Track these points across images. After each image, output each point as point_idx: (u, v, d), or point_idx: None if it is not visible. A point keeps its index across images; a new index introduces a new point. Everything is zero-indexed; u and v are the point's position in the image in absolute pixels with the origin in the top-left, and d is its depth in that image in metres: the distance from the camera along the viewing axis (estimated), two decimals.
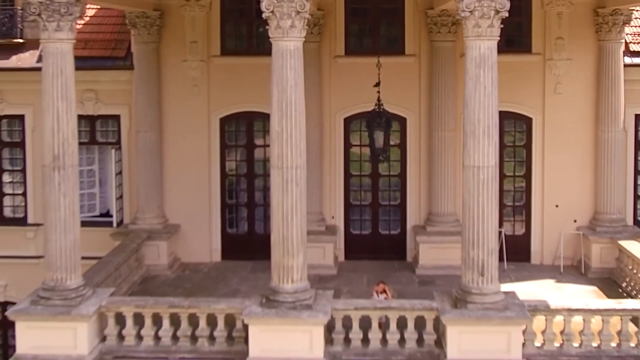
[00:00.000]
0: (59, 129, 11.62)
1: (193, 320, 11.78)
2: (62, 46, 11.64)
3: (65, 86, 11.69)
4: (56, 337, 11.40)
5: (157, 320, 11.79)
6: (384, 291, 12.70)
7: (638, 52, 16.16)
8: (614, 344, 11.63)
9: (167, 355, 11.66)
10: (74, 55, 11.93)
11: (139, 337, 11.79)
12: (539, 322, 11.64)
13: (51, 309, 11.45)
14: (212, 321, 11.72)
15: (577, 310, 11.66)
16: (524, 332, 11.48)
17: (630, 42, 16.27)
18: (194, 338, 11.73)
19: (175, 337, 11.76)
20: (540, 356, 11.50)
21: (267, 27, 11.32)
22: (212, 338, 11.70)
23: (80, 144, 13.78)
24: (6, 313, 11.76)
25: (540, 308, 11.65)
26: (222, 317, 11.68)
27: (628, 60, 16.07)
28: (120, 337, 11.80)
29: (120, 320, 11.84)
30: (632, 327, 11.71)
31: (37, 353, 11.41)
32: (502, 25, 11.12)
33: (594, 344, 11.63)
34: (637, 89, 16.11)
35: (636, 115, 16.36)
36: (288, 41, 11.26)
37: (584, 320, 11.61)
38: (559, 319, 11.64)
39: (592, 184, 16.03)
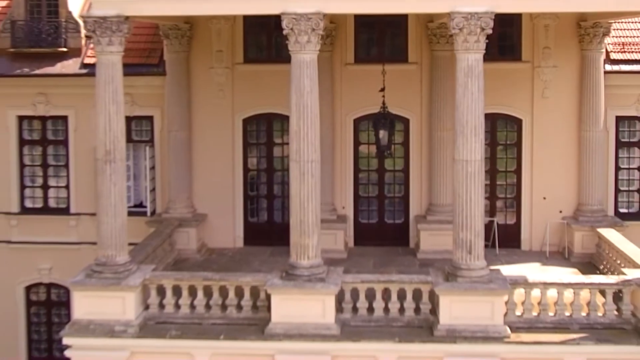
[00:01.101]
0: (110, 128, 13.85)
1: (223, 292, 13.97)
2: (113, 58, 13.87)
3: (116, 92, 13.92)
4: (107, 305, 13.62)
5: (192, 291, 13.99)
6: None
7: (618, 60, 18.18)
8: (584, 314, 13.72)
9: (201, 321, 13.86)
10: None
11: (177, 306, 14.00)
12: (519, 294, 13.75)
13: (103, 281, 13.69)
14: (239, 292, 13.90)
15: (552, 284, 13.77)
16: (506, 302, 13.60)
17: (611, 52, 18.31)
18: (224, 307, 13.91)
19: (207, 306, 13.94)
20: (520, 323, 13.60)
21: (285, 40, 13.51)
22: (239, 307, 13.88)
23: None
24: (69, 282, 13.99)
25: (519, 282, 13.77)
26: (248, 289, 13.87)
27: (609, 67, 18.12)
28: (161, 305, 14.01)
29: (161, 291, 14.05)
30: (600, 299, 13.80)
31: (91, 318, 13.63)
32: (490, 36, 13.18)
33: (567, 313, 13.72)
34: (618, 93, 18.09)
35: (617, 117, 18.39)
36: (305, 54, 13.45)
37: (557, 292, 13.71)
38: (536, 292, 13.77)
39: (575, 179, 18.06)
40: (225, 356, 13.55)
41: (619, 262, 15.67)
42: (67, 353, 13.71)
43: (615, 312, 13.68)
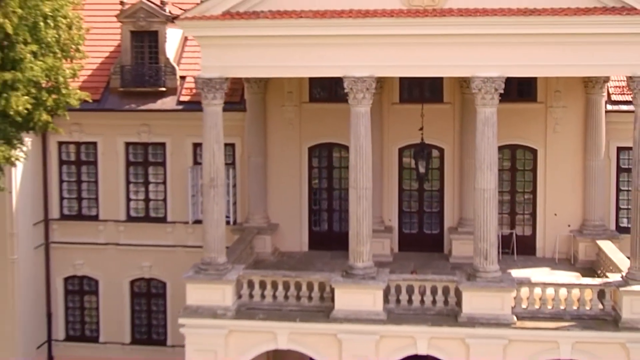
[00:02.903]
0: (214, 161, 18.92)
1: (297, 286, 18.90)
2: (216, 108, 18.94)
3: (218, 134, 18.99)
4: (211, 294, 18.65)
5: (274, 285, 18.96)
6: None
7: (618, 101, 22.55)
8: (574, 307, 18.28)
9: (281, 308, 18.81)
10: (200, 101, 19.13)
11: (262, 296, 18.97)
12: (524, 291, 18.38)
13: (209, 276, 18.75)
14: (310, 287, 18.82)
15: (550, 284, 18.41)
16: (514, 297, 18.27)
17: (613, 93, 22.70)
18: (298, 297, 18.84)
19: (286, 297, 18.88)
20: (524, 313, 18.22)
21: (341, 86, 18.30)
22: (310, 297, 18.80)
23: None
24: (183, 277, 19.05)
25: (524, 282, 18.44)
26: (317, 284, 18.79)
27: (610, 107, 22.54)
28: (251, 295, 19.00)
29: (250, 285, 19.05)
30: (587, 296, 18.34)
31: (199, 304, 18.69)
32: (511, 82, 17.72)
33: (561, 307, 18.29)
34: (619, 128, 22.34)
35: (618, 148, 22.70)
36: (361, 107, 18.31)
37: (554, 290, 18.33)
38: (538, 289, 18.39)
39: (581, 199, 22.49)
40: (299, 335, 18.51)
41: (610, 267, 20.15)
42: (181, 330, 18.81)
43: (600, 307, 18.22)
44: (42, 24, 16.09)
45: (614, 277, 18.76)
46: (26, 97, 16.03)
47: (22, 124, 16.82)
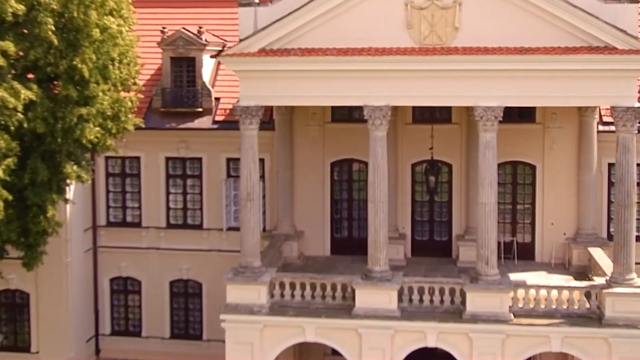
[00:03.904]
0: (250, 178, 22.09)
1: (323, 287, 22.03)
2: (252, 132, 22.09)
3: (254, 154, 22.15)
4: (248, 294, 21.80)
5: (302, 286, 22.10)
6: None
7: (608, 122, 25.34)
8: (564, 307, 21.30)
9: (308, 306, 21.92)
10: (234, 121, 22.22)
11: (292, 295, 22.10)
12: (520, 292, 21.42)
13: (246, 278, 21.90)
14: (334, 287, 21.95)
15: (543, 286, 21.44)
16: (512, 298, 21.31)
17: (604, 115, 25.60)
18: (323, 297, 21.97)
19: (313, 296, 21.99)
20: (520, 311, 21.24)
21: (359, 109, 21.39)
22: (334, 297, 21.92)
23: (237, 177, 24.58)
24: (223, 279, 22.21)
25: (521, 284, 21.48)
26: (340, 285, 21.91)
27: (602, 128, 25.47)
28: (282, 295, 22.14)
29: (281, 285, 22.20)
30: (576, 297, 21.35)
31: (238, 302, 21.85)
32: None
33: (553, 306, 21.31)
34: (609, 146, 24.97)
35: (609, 163, 25.58)
36: (378, 132, 21.41)
37: (547, 292, 21.36)
38: (532, 291, 21.41)
39: (575, 210, 25.42)
40: (325, 329, 21.64)
41: (599, 272, 23.12)
42: (222, 325, 21.97)
43: (586, 306, 21.23)
44: (110, 66, 19.31)
45: (600, 281, 21.77)
46: (97, 128, 19.27)
47: (91, 148, 20.04)
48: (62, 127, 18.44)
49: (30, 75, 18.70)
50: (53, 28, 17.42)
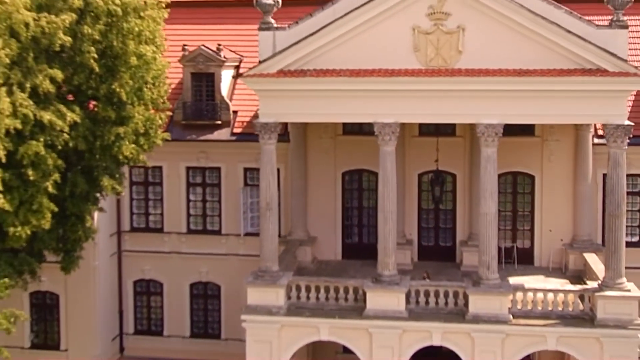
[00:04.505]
0: (269, 189, 24.06)
1: (336, 290, 23.98)
2: (271, 147, 24.05)
3: (272, 167, 24.11)
4: (267, 296, 23.77)
5: (317, 289, 24.08)
6: (427, 277, 24.79)
7: (603, 135, 27.16)
8: (560, 308, 23.25)
9: (323, 307, 23.89)
10: (251, 133, 24.18)
11: (308, 297, 24.08)
12: (519, 295, 23.37)
13: (265, 281, 23.87)
14: (346, 290, 23.91)
15: (540, 290, 23.39)
16: (511, 300, 23.25)
17: (599, 129, 27.49)
18: (337, 299, 23.91)
19: (327, 298, 23.96)
20: (519, 313, 23.18)
21: (371, 125, 23.36)
22: (346, 299, 23.89)
23: (253, 185, 26.60)
24: (244, 283, 24.20)
25: (519, 287, 23.43)
26: (352, 288, 23.88)
27: (597, 140, 27.31)
28: (298, 297, 24.11)
29: (298, 288, 24.19)
30: (570, 299, 23.29)
31: (257, 304, 23.82)
32: None
33: (549, 308, 23.25)
34: (603, 158, 26.50)
35: (603, 174, 27.28)
36: (388, 147, 23.36)
37: (543, 294, 23.31)
38: (530, 294, 23.36)
39: (572, 217, 27.34)
40: (338, 329, 23.61)
41: (593, 276, 25.06)
42: (243, 324, 23.95)
43: (580, 308, 23.17)
44: (144, 88, 21.29)
45: (593, 284, 23.72)
46: (133, 146, 21.28)
47: (125, 162, 22.06)
48: (100, 144, 20.47)
49: (69, 96, 20.71)
50: (95, 56, 19.44)
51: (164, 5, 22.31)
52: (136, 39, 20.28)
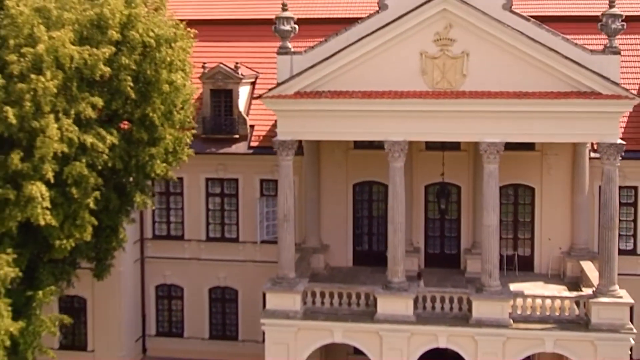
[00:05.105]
0: (286, 202, 26.08)
1: (349, 295, 26.02)
2: (288, 163, 26.07)
3: (290, 181, 26.11)
4: (285, 301, 25.78)
5: (331, 295, 26.11)
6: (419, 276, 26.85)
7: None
8: (557, 314, 25.24)
9: (336, 312, 25.91)
10: (267, 146, 26.41)
11: (322, 303, 26.09)
12: (519, 301, 25.37)
13: (283, 288, 25.89)
14: (358, 296, 25.94)
15: (538, 296, 25.40)
16: (511, 306, 25.26)
17: (595, 144, 29.44)
18: (349, 304, 25.92)
19: (340, 303, 25.97)
20: (519, 317, 25.16)
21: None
22: (358, 304, 25.89)
23: (269, 196, 28.71)
24: (263, 289, 26.25)
25: (519, 294, 25.44)
26: (363, 294, 25.89)
27: (593, 154, 29.21)
28: (313, 302, 26.13)
29: (313, 294, 26.22)
30: (566, 305, 25.28)
31: (276, 308, 25.85)
32: None
33: (547, 313, 25.25)
34: (599, 172, 28.57)
35: (599, 187, 29.24)
36: (397, 163, 25.37)
37: (542, 300, 25.32)
38: (529, 300, 25.38)
39: (569, 227, 29.31)
40: (350, 332, 25.63)
41: (588, 283, 27.05)
42: (262, 328, 25.99)
43: (576, 313, 25.16)
44: (174, 112, 23.36)
45: (588, 291, 25.72)
46: (164, 164, 23.37)
47: (155, 178, 24.18)
48: (135, 164, 22.55)
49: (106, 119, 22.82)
50: (131, 84, 21.50)
51: (192, 36, 24.32)
52: (168, 68, 22.33)
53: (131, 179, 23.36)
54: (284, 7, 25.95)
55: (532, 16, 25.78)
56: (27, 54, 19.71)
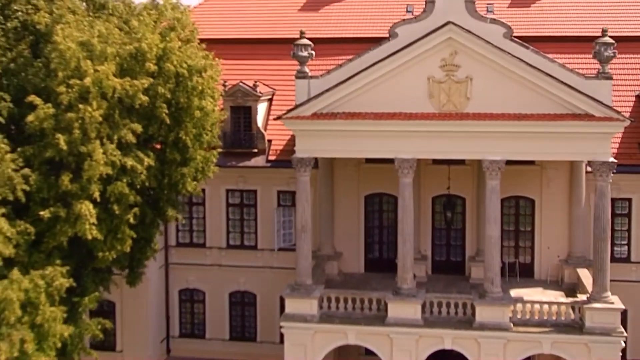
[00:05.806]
0: (304, 214, 28.55)
1: (362, 300, 28.49)
2: (305, 178, 28.53)
3: (307, 195, 28.53)
4: (302, 306, 28.23)
5: (345, 300, 28.59)
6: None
7: None
8: (554, 318, 27.66)
9: (350, 316, 28.35)
10: (284, 160, 28.97)
11: (337, 307, 28.55)
12: (519, 306, 27.81)
13: (300, 294, 28.33)
14: (370, 301, 28.40)
15: (537, 302, 27.82)
16: (512, 310, 27.70)
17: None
18: (362, 308, 28.35)
19: (354, 308, 28.42)
20: (518, 321, 27.53)
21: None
22: (370, 308, 28.29)
23: (285, 206, 31.15)
24: (282, 294, 28.75)
25: (519, 300, 27.88)
26: (375, 299, 28.34)
27: (589, 169, 31.45)
28: (329, 307, 28.58)
29: (328, 299, 28.69)
30: (563, 310, 27.71)
31: (294, 312, 28.31)
32: None
33: (545, 317, 27.66)
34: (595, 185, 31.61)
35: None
36: (406, 179, 27.83)
37: (540, 305, 27.75)
38: (528, 305, 27.82)
39: (567, 236, 31.72)
40: (363, 334, 28.11)
41: (584, 289, 29.44)
42: (282, 330, 28.48)
43: (571, 318, 27.57)
44: (204, 134, 25.87)
45: (582, 297, 28.15)
46: (195, 182, 25.90)
47: (186, 194, 26.75)
48: (168, 182, 25.08)
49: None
50: (166, 111, 24.01)
51: (219, 66, 26.82)
52: (199, 95, 24.83)
53: (164, 195, 25.79)
54: (302, 35, 28.43)
55: (532, 37, 28.18)
56: (74, 85, 22.22)
